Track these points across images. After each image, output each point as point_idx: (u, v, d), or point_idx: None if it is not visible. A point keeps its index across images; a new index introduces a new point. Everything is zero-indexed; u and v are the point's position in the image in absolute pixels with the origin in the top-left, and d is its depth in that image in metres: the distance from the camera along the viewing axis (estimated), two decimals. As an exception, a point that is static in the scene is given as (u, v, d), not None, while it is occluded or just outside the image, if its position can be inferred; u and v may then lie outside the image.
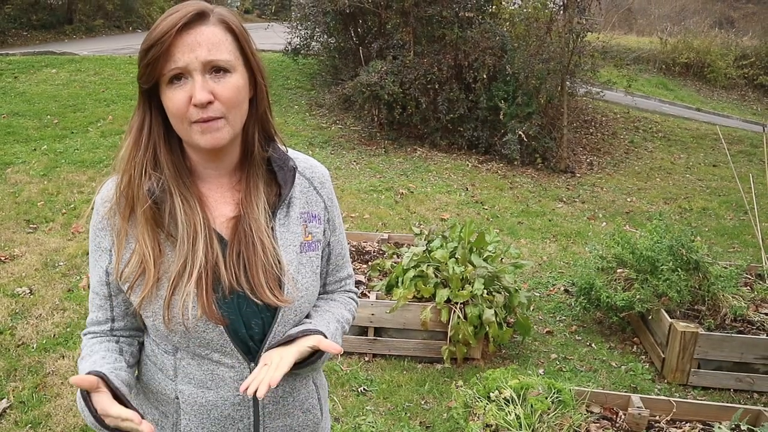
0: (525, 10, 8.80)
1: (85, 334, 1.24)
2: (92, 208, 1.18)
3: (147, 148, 1.11)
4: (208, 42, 1.05)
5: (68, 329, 3.77)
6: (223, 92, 1.06)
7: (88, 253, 4.06)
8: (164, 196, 1.11)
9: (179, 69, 1.04)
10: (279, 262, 1.16)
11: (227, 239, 1.16)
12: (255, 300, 1.13)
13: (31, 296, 4.11)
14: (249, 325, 1.16)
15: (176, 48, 1.03)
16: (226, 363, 1.16)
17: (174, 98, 1.05)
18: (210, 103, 1.05)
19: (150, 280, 1.09)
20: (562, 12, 8.42)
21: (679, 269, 3.63)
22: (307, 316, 1.26)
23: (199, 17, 1.05)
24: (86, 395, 1.03)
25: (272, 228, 1.18)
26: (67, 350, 3.55)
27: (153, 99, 1.11)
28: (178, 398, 1.19)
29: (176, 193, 1.11)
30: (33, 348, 3.55)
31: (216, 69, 1.06)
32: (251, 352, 1.18)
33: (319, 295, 1.35)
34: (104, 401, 1.02)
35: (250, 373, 1.16)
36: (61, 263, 4.61)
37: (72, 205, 5.72)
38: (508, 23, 9.17)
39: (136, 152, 1.10)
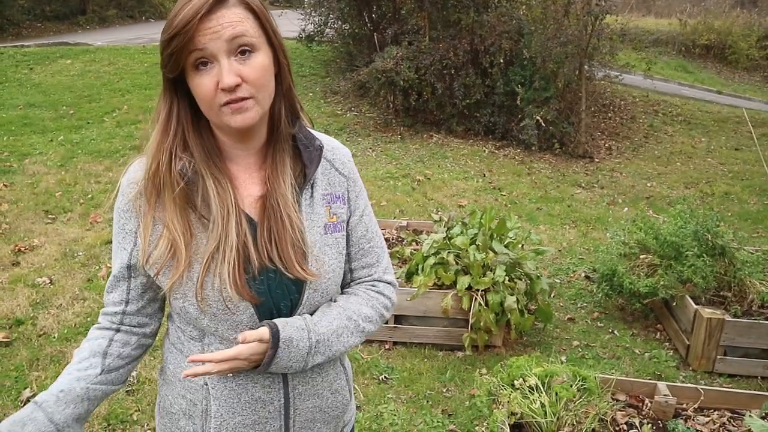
0: (542, -7, 8.66)
1: (101, 315, 1.23)
2: (117, 191, 1.17)
3: (176, 133, 1.11)
4: (231, 22, 1.03)
5: (88, 319, 3.78)
6: (250, 73, 1.05)
7: (107, 243, 4.05)
8: (196, 178, 1.11)
9: (204, 54, 1.03)
10: (304, 237, 1.15)
11: (256, 220, 1.15)
12: (287, 274, 1.13)
13: (52, 286, 4.13)
14: (278, 307, 1.16)
15: (200, 34, 1.02)
16: None
17: (202, 84, 1.05)
18: (238, 85, 1.04)
19: (182, 263, 1.08)
20: (580, -6, 8.27)
21: (704, 255, 3.56)
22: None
23: (219, 1, 1.03)
24: None
25: (299, 204, 1.17)
26: (88, 339, 3.57)
27: (179, 85, 1.10)
28: (207, 384, 1.18)
29: (207, 174, 1.11)
30: (54, 338, 3.57)
31: (241, 51, 1.05)
32: None
33: (345, 283, 1.32)
34: None
35: None
36: (80, 253, 4.62)
37: (89, 195, 5.73)
38: (524, 6, 9.02)
39: (165, 138, 1.10)
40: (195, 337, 1.19)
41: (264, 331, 1.10)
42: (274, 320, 1.13)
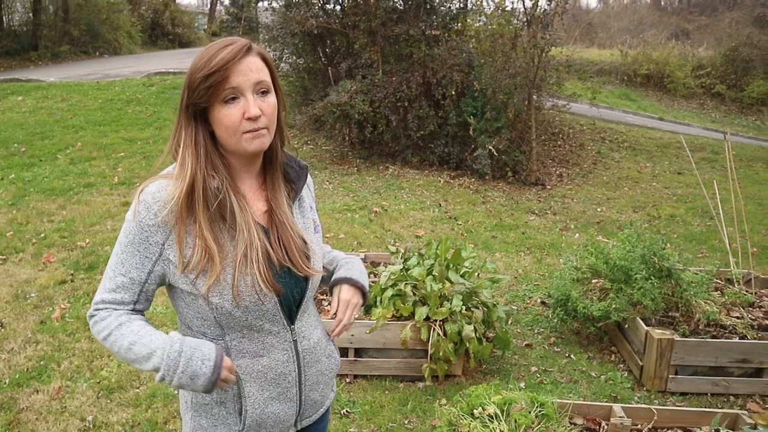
0: (490, 27, 8.95)
1: (102, 308, 1.38)
2: (137, 206, 1.33)
3: (207, 156, 1.34)
4: (256, 68, 1.32)
5: (42, 362, 3.67)
6: (267, 109, 1.34)
7: (61, 283, 3.95)
8: (224, 195, 1.34)
9: (235, 89, 1.30)
10: (305, 242, 1.46)
11: (267, 227, 1.42)
12: (298, 274, 1.42)
13: (2, 329, 4.01)
14: (293, 294, 1.44)
15: (233, 74, 1.29)
16: (273, 330, 1.43)
17: (231, 114, 1.31)
18: (259, 116, 1.31)
19: (217, 267, 1.31)
20: (526, 28, 8.59)
21: (652, 277, 3.70)
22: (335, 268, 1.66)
23: (248, 50, 1.32)
24: (221, 358, 1.31)
25: (292, 214, 1.47)
26: (41, 384, 3.46)
27: (199, 117, 1.34)
28: (236, 373, 1.40)
29: (231, 192, 1.35)
30: (5, 383, 3.46)
31: (261, 91, 1.33)
32: (291, 317, 1.46)
33: None
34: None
35: (291, 334, 1.46)
36: (33, 294, 4.51)
37: (42, 235, 5.60)
38: (474, 40, 9.31)
39: (197, 160, 1.33)
40: (217, 336, 1.40)
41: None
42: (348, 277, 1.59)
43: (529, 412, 2.54)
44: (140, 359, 1.31)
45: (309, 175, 1.59)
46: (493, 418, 2.50)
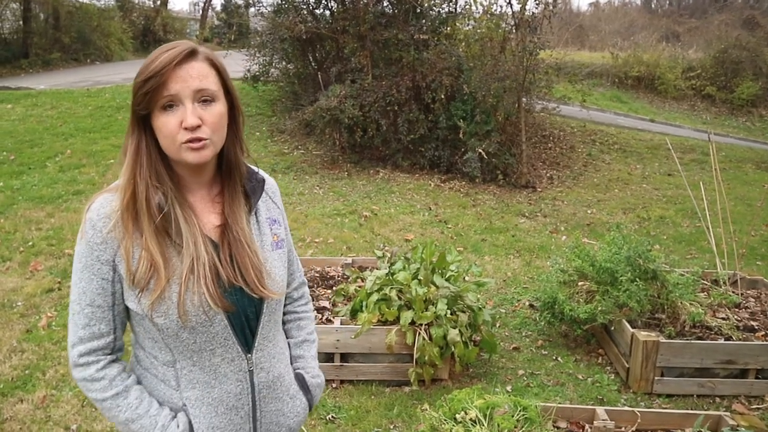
0: (479, 31, 8.99)
1: (86, 353, 1.28)
2: (84, 225, 1.26)
3: (150, 165, 1.25)
4: (198, 75, 1.22)
5: (27, 371, 3.65)
6: (209, 118, 1.23)
7: (48, 291, 3.91)
8: (169, 207, 1.25)
9: (173, 97, 1.21)
10: (262, 262, 1.35)
11: (218, 242, 1.32)
12: (251, 295, 1.32)
13: (-14, 340, 3.98)
14: (246, 314, 1.34)
15: (171, 79, 1.20)
16: (227, 357, 1.32)
17: (167, 122, 1.22)
18: (198, 126, 1.22)
19: (162, 280, 1.22)
20: (514, 31, 8.61)
21: (637, 279, 3.70)
22: (301, 346, 1.57)
23: (191, 55, 1.23)
24: None
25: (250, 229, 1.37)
26: (26, 394, 3.44)
27: (146, 124, 1.25)
28: (185, 405, 1.32)
29: (176, 203, 1.26)
30: (-11, 394, 3.44)
31: (203, 98, 1.23)
32: (247, 343, 1.35)
33: (288, 302, 1.59)
34: None
35: (247, 363, 1.35)
36: (19, 303, 4.48)
37: (30, 243, 5.58)
38: (463, 44, 9.34)
39: (137, 169, 1.24)
40: (168, 363, 1.31)
41: None
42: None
43: (512, 416, 2.54)
44: None
45: (277, 187, 1.51)
46: (475, 423, 2.50)
